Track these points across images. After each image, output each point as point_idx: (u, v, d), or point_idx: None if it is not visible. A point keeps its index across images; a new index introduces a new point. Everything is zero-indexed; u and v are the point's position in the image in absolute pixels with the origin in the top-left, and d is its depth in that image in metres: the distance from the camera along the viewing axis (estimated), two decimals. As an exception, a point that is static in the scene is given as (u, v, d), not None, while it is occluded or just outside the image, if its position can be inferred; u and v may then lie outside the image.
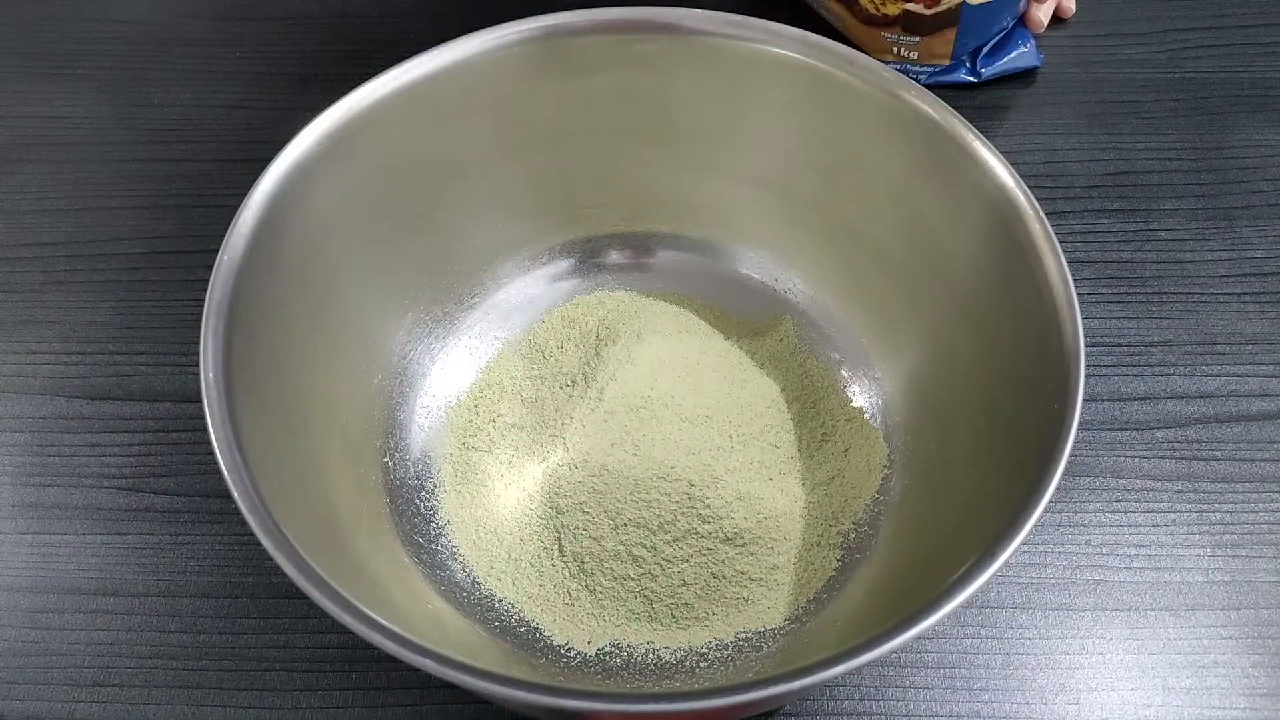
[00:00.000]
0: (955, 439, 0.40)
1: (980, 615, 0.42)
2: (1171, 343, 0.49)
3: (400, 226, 0.43)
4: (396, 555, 0.40)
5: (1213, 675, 0.40)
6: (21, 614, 0.42)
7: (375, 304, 0.43)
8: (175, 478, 0.45)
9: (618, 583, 0.40)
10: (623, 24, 0.42)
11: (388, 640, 0.28)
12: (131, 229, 0.54)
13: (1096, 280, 0.51)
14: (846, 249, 0.45)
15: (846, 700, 0.40)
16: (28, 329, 0.50)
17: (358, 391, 0.42)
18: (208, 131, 0.58)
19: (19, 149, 0.57)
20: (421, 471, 0.43)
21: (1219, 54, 0.60)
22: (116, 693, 0.40)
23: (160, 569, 0.43)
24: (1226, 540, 0.43)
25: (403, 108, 0.40)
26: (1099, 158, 0.56)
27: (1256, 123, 0.57)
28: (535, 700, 0.28)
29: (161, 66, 0.61)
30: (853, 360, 0.46)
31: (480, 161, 0.44)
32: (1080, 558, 0.43)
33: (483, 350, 0.47)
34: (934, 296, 0.42)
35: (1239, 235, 0.52)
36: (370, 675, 0.40)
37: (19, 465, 0.46)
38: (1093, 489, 0.45)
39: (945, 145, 0.39)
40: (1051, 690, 0.40)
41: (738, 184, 0.46)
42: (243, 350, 0.34)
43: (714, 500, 0.40)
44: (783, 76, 0.41)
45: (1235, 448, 0.46)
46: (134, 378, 0.48)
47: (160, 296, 0.51)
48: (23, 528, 0.44)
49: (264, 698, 0.40)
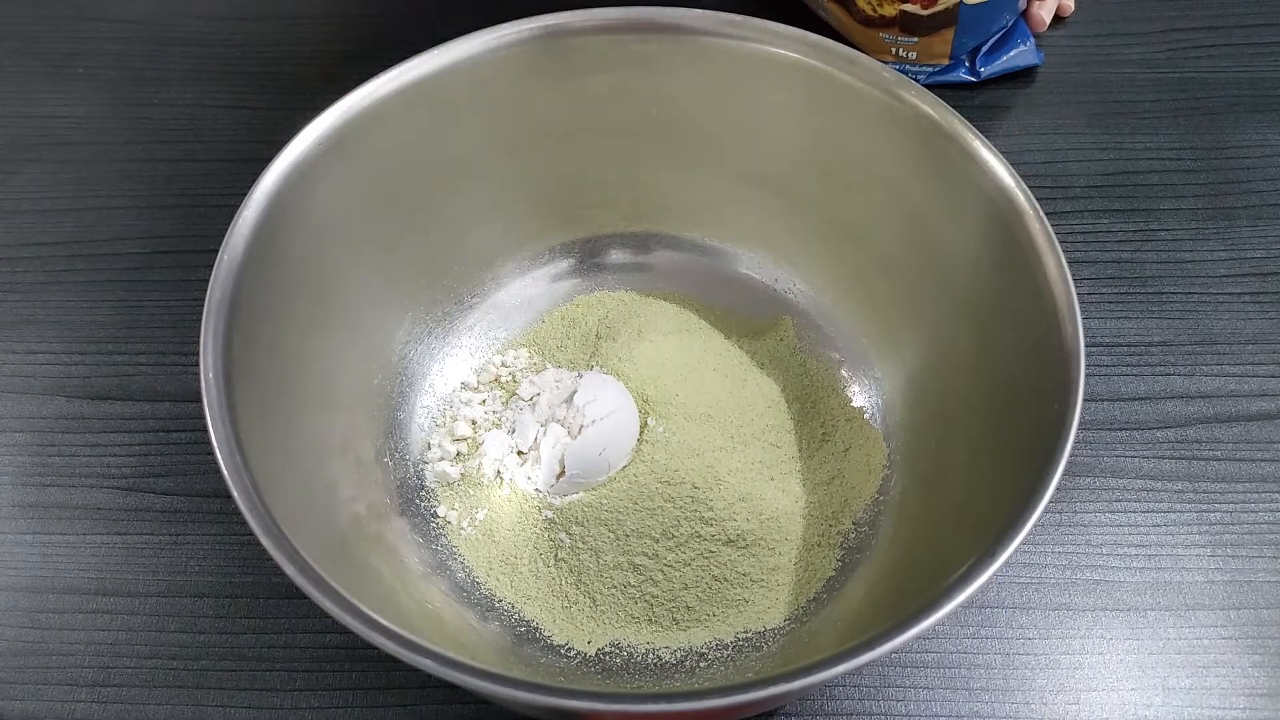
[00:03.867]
0: (955, 439, 0.40)
1: (980, 615, 0.42)
2: (1171, 343, 0.49)
3: (400, 226, 0.43)
4: (396, 555, 0.40)
5: (1212, 675, 0.40)
6: (21, 614, 0.42)
7: (375, 304, 0.43)
8: (175, 478, 0.45)
9: (618, 590, 0.40)
10: (623, 24, 0.42)
11: (388, 640, 0.28)
12: (131, 229, 0.54)
13: (1096, 280, 0.51)
14: (846, 249, 0.45)
15: (846, 700, 0.40)
16: (28, 329, 0.50)
17: (358, 391, 0.42)
18: (208, 131, 0.58)
19: (19, 149, 0.57)
20: (421, 471, 0.43)
21: (1219, 54, 0.60)
22: (116, 693, 0.40)
23: (160, 569, 0.43)
24: (1226, 540, 0.43)
25: (403, 108, 0.40)
26: (1099, 158, 0.56)
27: (1256, 123, 0.57)
28: (535, 700, 0.28)
29: (161, 66, 0.61)
30: (853, 360, 0.46)
31: (480, 161, 0.44)
32: (1080, 558, 0.43)
33: (483, 350, 0.47)
34: (934, 296, 0.42)
35: (1239, 235, 0.53)
36: (370, 675, 0.40)
37: (19, 465, 0.46)
38: (1093, 489, 0.45)
39: (945, 145, 0.39)
40: (1051, 690, 0.40)
41: (738, 184, 0.46)
42: (243, 350, 0.34)
43: (717, 503, 0.40)
44: (783, 76, 0.41)
45: (1235, 448, 0.46)
46: (134, 378, 0.48)
47: (160, 296, 0.51)
48: (23, 528, 0.44)
49: (264, 697, 0.40)
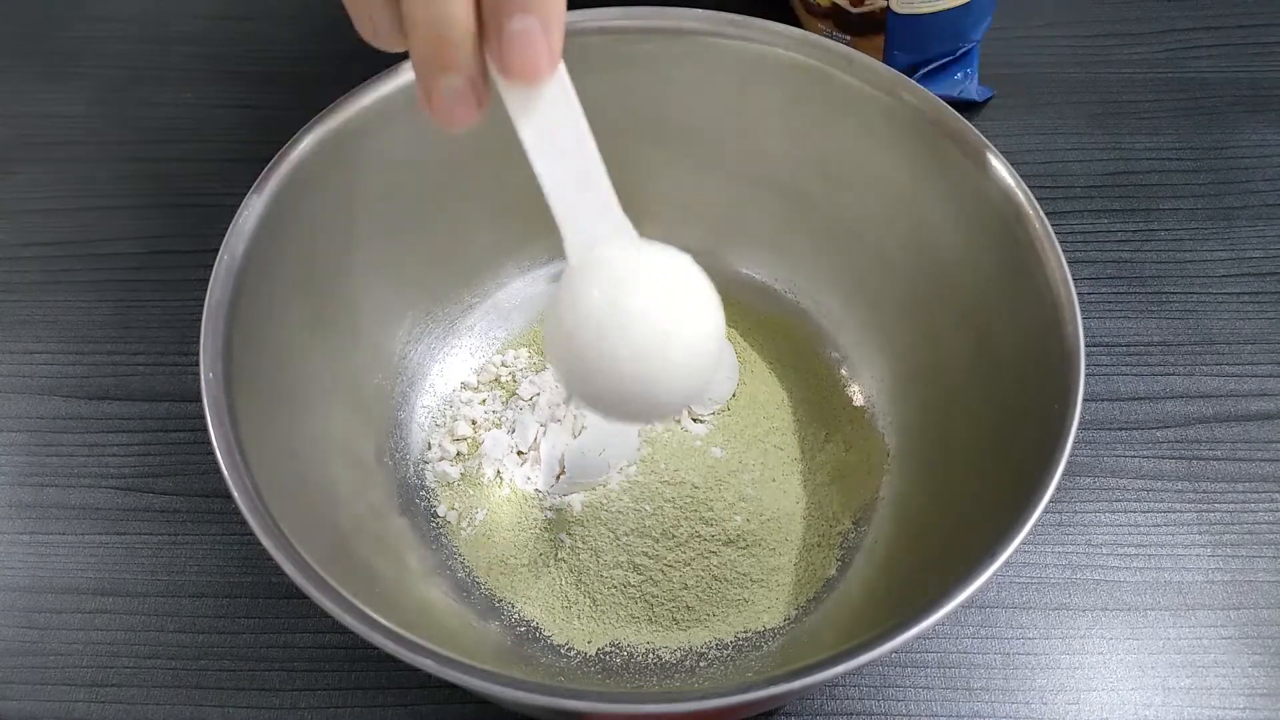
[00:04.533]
0: (955, 439, 0.40)
1: (980, 615, 0.42)
2: (1171, 342, 0.49)
3: (400, 227, 0.43)
4: (396, 555, 0.40)
5: (1213, 675, 0.40)
6: (20, 614, 0.42)
7: (375, 304, 0.43)
8: (174, 477, 0.45)
9: (618, 590, 0.40)
10: (623, 24, 0.42)
11: (387, 640, 0.28)
12: (131, 229, 0.53)
13: (1096, 280, 0.51)
14: (846, 249, 0.45)
15: (846, 700, 0.40)
16: (26, 329, 0.50)
17: (358, 391, 0.42)
18: (208, 131, 0.58)
19: (18, 148, 0.57)
20: (421, 471, 0.43)
21: (1219, 54, 0.60)
22: (115, 693, 0.40)
23: (159, 569, 0.43)
24: (1226, 540, 0.43)
25: (403, 108, 0.40)
26: (1099, 158, 0.56)
27: (1256, 123, 0.57)
28: (535, 700, 0.28)
29: (162, 66, 0.61)
30: (853, 360, 0.46)
31: (480, 161, 0.44)
32: (1080, 557, 0.43)
33: (483, 350, 0.47)
34: (934, 296, 0.42)
35: (1238, 235, 0.53)
36: (370, 675, 0.40)
37: (17, 465, 0.46)
38: (1093, 489, 0.45)
39: (945, 145, 0.39)
40: (1051, 690, 0.40)
41: (737, 184, 0.46)
42: (243, 350, 0.34)
43: (717, 503, 0.40)
44: (782, 76, 0.41)
45: (1235, 447, 0.46)
46: (133, 377, 0.48)
47: (160, 296, 0.51)
48: (21, 528, 0.44)
49: (263, 697, 0.40)
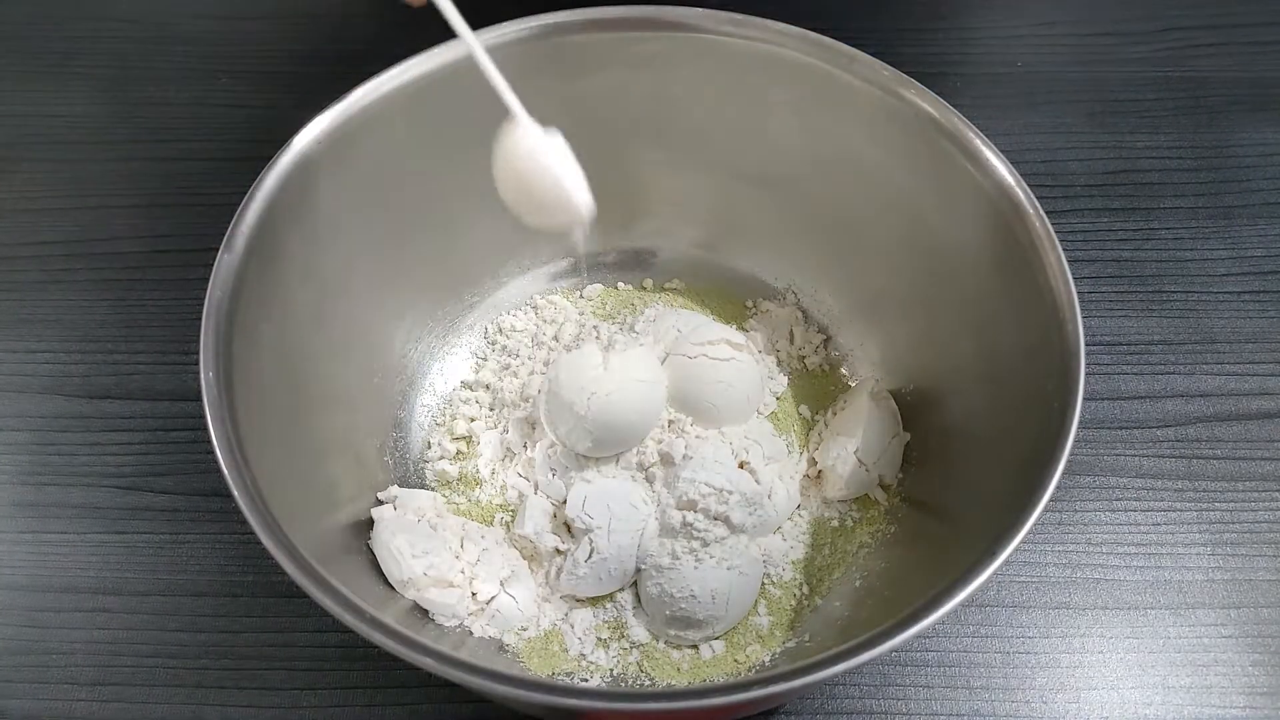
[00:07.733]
0: (955, 437, 0.40)
1: (980, 614, 0.42)
2: (1171, 341, 0.49)
3: (400, 226, 0.43)
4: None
5: (1212, 674, 0.40)
6: (20, 613, 0.42)
7: (375, 303, 0.43)
8: (175, 477, 0.45)
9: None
10: (623, 23, 0.42)
11: (388, 639, 0.28)
12: (131, 228, 0.54)
13: (1096, 279, 0.51)
14: (847, 247, 0.45)
15: (846, 700, 0.40)
16: (27, 328, 0.50)
17: (358, 391, 0.42)
18: (208, 131, 0.58)
19: (18, 147, 0.57)
20: (421, 470, 0.43)
21: (1219, 53, 0.60)
22: (116, 691, 0.40)
23: (160, 568, 0.43)
24: (1226, 539, 0.43)
25: (403, 107, 0.40)
26: (1099, 156, 0.56)
27: (1256, 122, 0.57)
28: (535, 699, 0.28)
29: (161, 65, 0.61)
30: (852, 357, 0.46)
31: (480, 161, 0.44)
32: (1080, 556, 0.43)
33: (483, 350, 0.47)
34: (934, 294, 0.42)
35: (1239, 234, 0.52)
36: (370, 673, 0.40)
37: (18, 464, 0.46)
38: (1093, 488, 0.45)
39: (945, 144, 0.39)
40: (1052, 688, 0.40)
41: (738, 182, 0.46)
42: (243, 350, 0.34)
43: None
44: (783, 75, 0.41)
45: (1235, 446, 0.46)
46: (133, 377, 0.48)
47: (160, 296, 0.51)
48: (22, 526, 0.44)
49: (263, 696, 0.40)
